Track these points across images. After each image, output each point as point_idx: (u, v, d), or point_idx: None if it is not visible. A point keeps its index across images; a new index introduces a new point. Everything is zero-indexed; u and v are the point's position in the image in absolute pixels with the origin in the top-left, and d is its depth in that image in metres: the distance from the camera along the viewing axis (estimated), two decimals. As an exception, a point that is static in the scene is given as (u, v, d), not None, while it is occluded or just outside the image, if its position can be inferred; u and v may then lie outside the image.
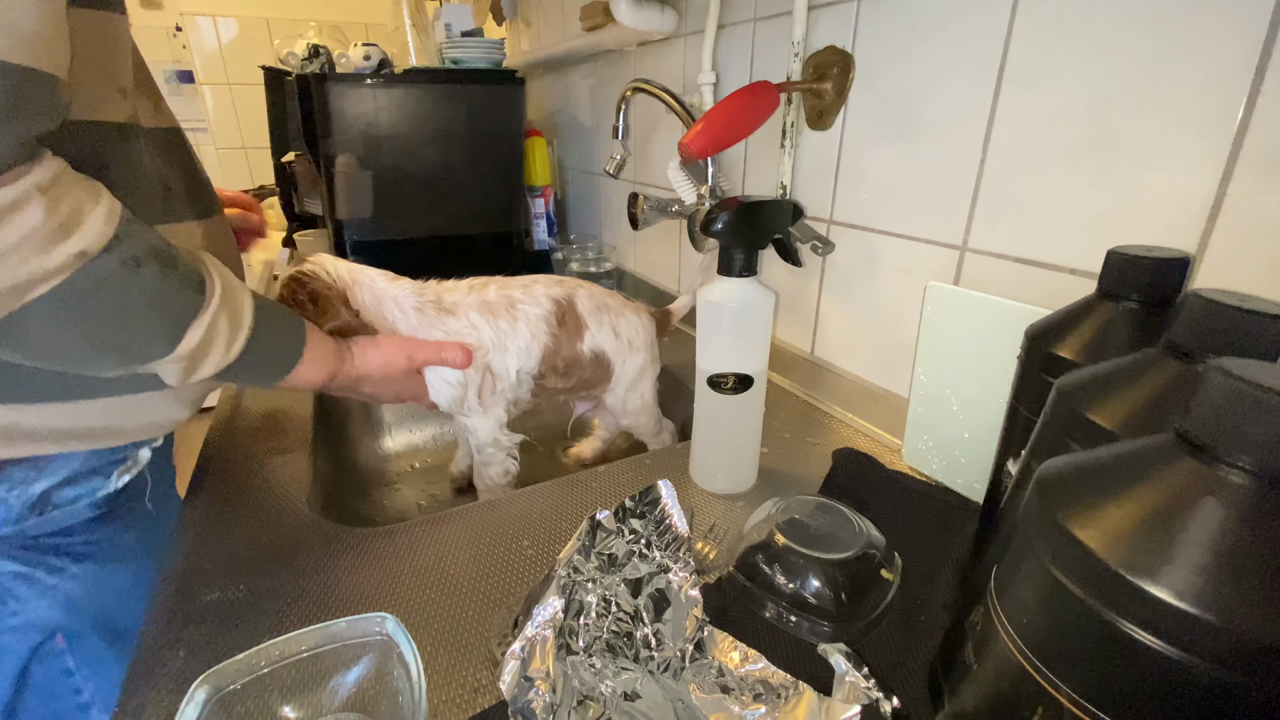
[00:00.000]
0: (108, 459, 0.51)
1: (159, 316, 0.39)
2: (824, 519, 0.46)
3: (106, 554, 0.53)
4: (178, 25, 2.39)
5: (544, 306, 0.69)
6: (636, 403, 0.76)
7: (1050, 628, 0.24)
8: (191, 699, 0.32)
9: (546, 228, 1.35)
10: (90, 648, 0.53)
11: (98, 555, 0.52)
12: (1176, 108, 0.41)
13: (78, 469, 0.49)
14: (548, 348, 0.69)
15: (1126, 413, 0.29)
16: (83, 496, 0.50)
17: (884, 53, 0.61)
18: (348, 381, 0.56)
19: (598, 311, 0.72)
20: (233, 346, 0.43)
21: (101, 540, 0.53)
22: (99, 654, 0.54)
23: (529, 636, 0.37)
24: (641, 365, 0.75)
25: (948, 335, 0.55)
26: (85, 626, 0.52)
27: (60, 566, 0.51)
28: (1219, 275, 0.41)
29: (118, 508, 0.53)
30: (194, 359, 0.42)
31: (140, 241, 0.38)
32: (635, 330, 0.74)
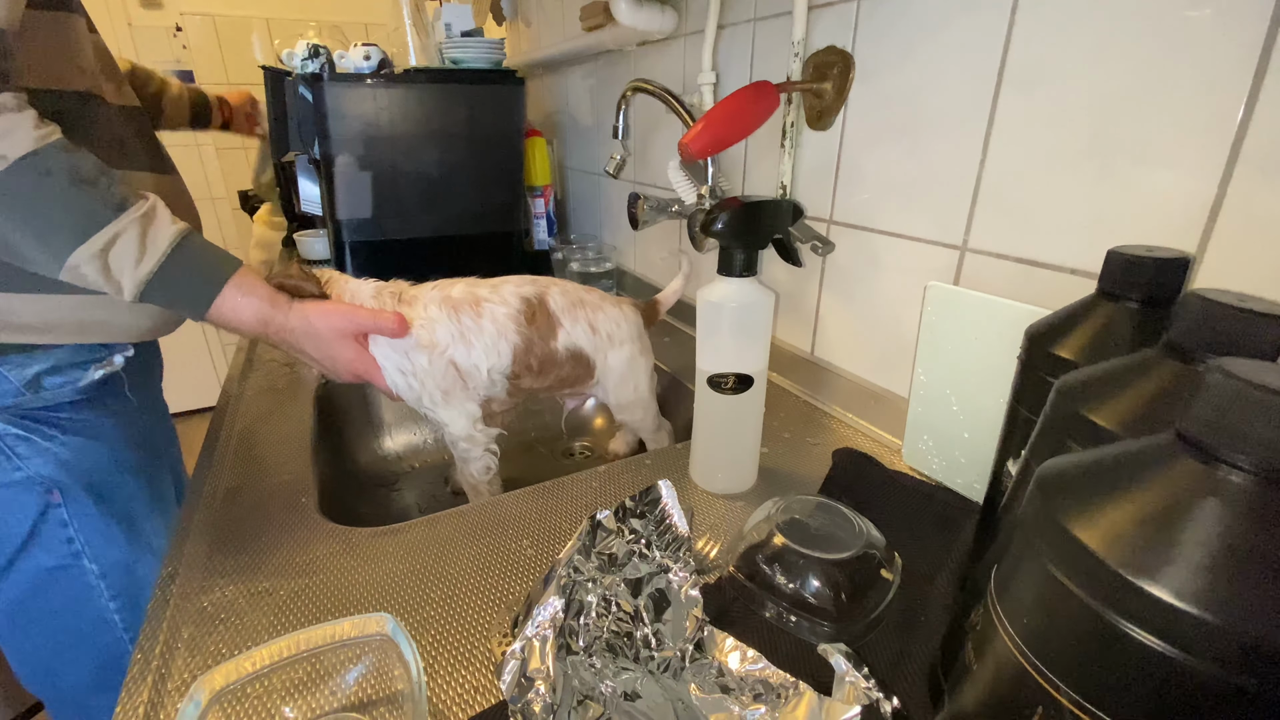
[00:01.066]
0: (87, 356, 0.63)
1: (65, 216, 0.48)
2: (824, 519, 0.46)
3: (87, 431, 0.66)
4: (178, 25, 2.39)
5: (512, 305, 0.68)
6: (629, 395, 0.75)
7: (1050, 628, 0.24)
8: (191, 699, 0.32)
9: (546, 228, 1.35)
10: (79, 504, 0.65)
11: (82, 430, 0.65)
12: (1176, 108, 0.41)
13: (62, 360, 0.62)
14: (518, 347, 0.68)
15: (1126, 413, 0.29)
16: (67, 383, 0.63)
17: (884, 53, 0.61)
18: (286, 335, 0.60)
19: (572, 308, 0.71)
20: (144, 262, 0.51)
21: (84, 419, 0.65)
22: (86, 510, 0.66)
23: (529, 636, 0.37)
24: (628, 358, 0.74)
25: (948, 335, 0.55)
26: (75, 485, 0.65)
27: (52, 435, 0.63)
28: (1219, 275, 0.41)
29: (97, 396, 0.66)
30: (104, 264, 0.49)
31: (58, 160, 0.48)
32: (615, 323, 0.72)
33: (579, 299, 0.72)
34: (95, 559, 0.67)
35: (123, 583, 0.70)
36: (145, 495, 0.71)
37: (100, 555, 0.67)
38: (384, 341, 0.64)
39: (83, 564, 0.67)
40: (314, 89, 1.02)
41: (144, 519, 0.71)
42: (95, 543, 0.67)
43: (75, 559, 0.66)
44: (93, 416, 0.66)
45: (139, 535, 0.70)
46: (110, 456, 0.67)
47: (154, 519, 0.72)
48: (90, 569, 0.67)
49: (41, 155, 0.47)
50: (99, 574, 0.68)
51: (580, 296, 0.72)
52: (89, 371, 0.63)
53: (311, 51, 1.03)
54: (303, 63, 1.03)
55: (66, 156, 0.48)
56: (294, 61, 1.04)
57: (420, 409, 0.68)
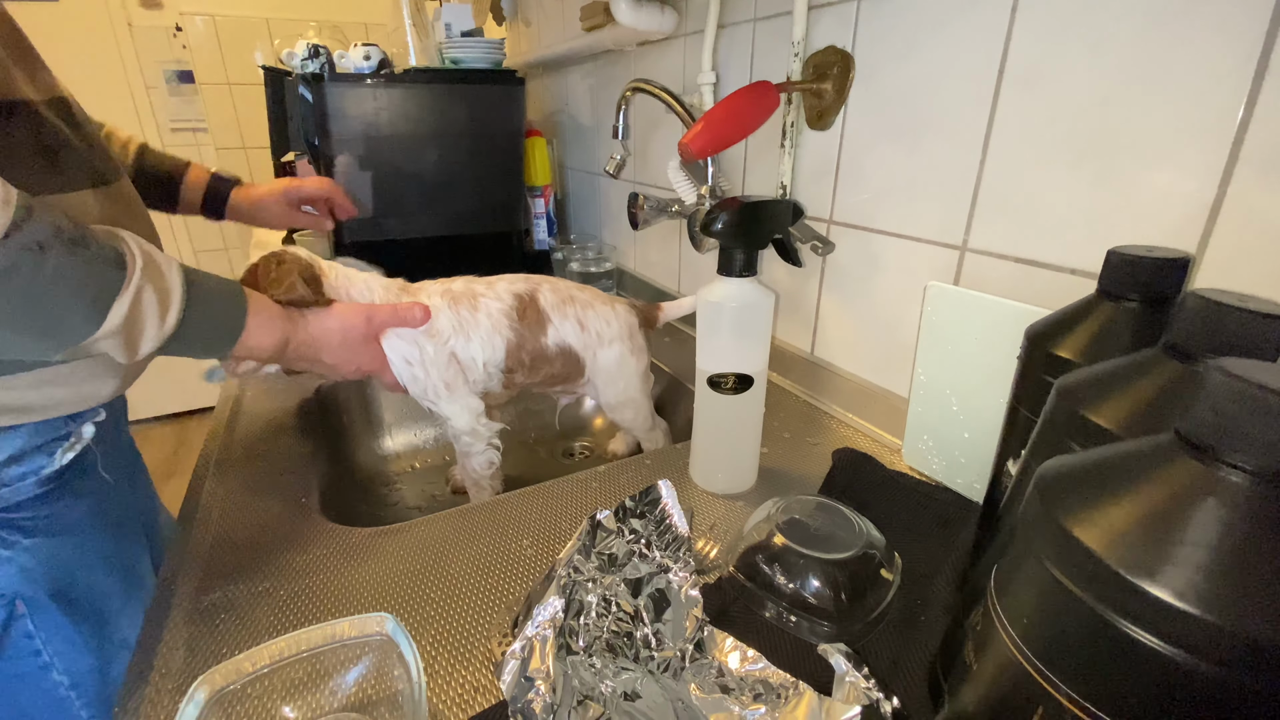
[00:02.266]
0: (51, 436, 0.53)
1: (75, 296, 0.40)
2: (824, 519, 0.46)
3: (54, 528, 0.55)
4: (178, 25, 2.39)
5: (505, 301, 0.69)
6: (619, 395, 0.75)
7: (1050, 628, 0.24)
8: (191, 699, 0.32)
9: (546, 228, 1.35)
10: (47, 615, 0.56)
11: (46, 529, 0.55)
12: (1176, 108, 0.41)
13: (22, 447, 0.51)
14: (510, 342, 0.69)
15: (1126, 413, 0.29)
16: (29, 474, 0.52)
17: (884, 53, 0.61)
18: (305, 349, 0.57)
19: (562, 305, 0.71)
20: (167, 318, 0.44)
21: (50, 515, 0.55)
22: (55, 620, 0.56)
23: (529, 636, 0.37)
24: (618, 357, 0.73)
25: (948, 335, 0.55)
26: (41, 595, 0.55)
27: (12, 540, 0.53)
28: (1219, 275, 0.41)
29: (65, 483, 0.56)
30: (128, 334, 0.43)
31: (42, 225, 0.38)
32: (605, 321, 0.72)
33: (569, 296, 0.72)
34: (65, 671, 0.59)
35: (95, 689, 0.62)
36: (119, 585, 0.62)
37: (70, 667, 0.59)
38: (393, 331, 0.64)
39: (52, 676, 0.59)
40: (314, 89, 1.02)
41: (118, 614, 0.62)
42: (65, 653, 0.58)
43: (44, 672, 0.58)
44: (60, 508, 0.56)
45: (111, 635, 0.62)
46: (78, 553, 0.58)
47: (130, 608, 0.63)
48: (60, 681, 0.59)
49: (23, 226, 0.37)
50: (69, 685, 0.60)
51: (571, 294, 0.72)
52: (55, 456, 0.54)
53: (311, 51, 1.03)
54: (303, 63, 1.03)
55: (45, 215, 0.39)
56: (294, 61, 1.04)
57: (424, 402, 0.68)
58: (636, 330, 0.75)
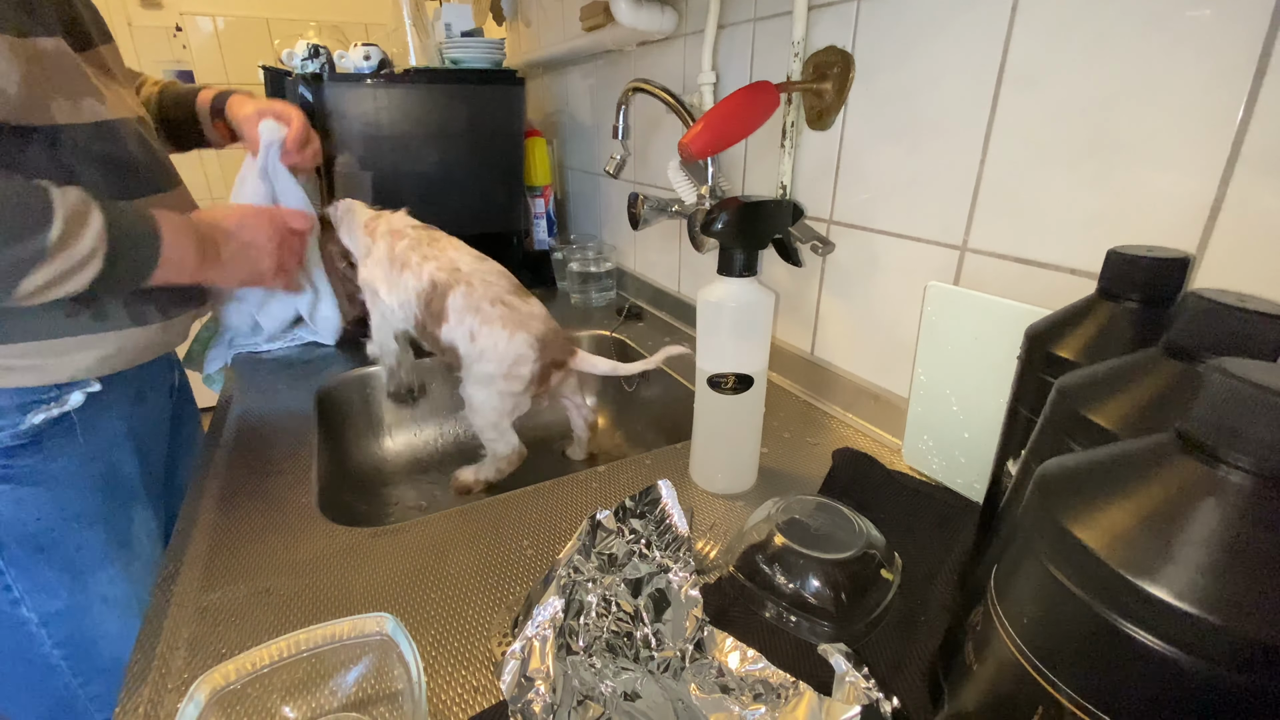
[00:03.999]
0: (27, 399, 0.59)
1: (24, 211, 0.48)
2: (824, 519, 0.46)
3: (27, 478, 0.61)
4: (178, 25, 2.39)
5: (421, 283, 0.74)
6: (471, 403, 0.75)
7: (1050, 628, 0.24)
8: (191, 699, 0.32)
9: (546, 228, 1.35)
10: (14, 555, 0.62)
11: (18, 478, 0.61)
12: (1176, 108, 0.41)
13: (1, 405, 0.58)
14: (417, 318, 0.76)
15: (1126, 413, 0.29)
16: (4, 428, 0.59)
17: (884, 53, 0.61)
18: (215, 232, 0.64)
19: (465, 310, 0.72)
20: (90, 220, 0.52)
21: (24, 466, 0.61)
22: (23, 560, 0.62)
23: (529, 636, 0.37)
24: (488, 377, 0.72)
25: (948, 335, 0.55)
26: (9, 536, 0.61)
27: None
28: (1219, 275, 0.41)
29: (42, 440, 0.61)
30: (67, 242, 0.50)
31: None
32: (493, 344, 0.71)
33: (478, 305, 0.71)
34: (34, 609, 0.64)
35: (67, 631, 0.66)
36: (99, 543, 0.66)
37: (39, 605, 0.64)
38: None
39: (21, 612, 0.64)
40: (314, 89, 1.02)
41: (95, 568, 0.66)
42: (33, 592, 0.64)
43: (13, 606, 0.63)
44: (36, 461, 0.61)
45: (85, 586, 0.66)
46: (55, 505, 0.63)
47: (110, 567, 0.67)
48: (29, 617, 0.64)
49: None
50: (39, 623, 0.65)
51: (482, 304, 0.71)
52: (28, 415, 0.59)
53: (311, 51, 1.03)
54: (303, 63, 1.03)
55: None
56: (294, 61, 1.04)
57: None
58: (525, 364, 0.72)
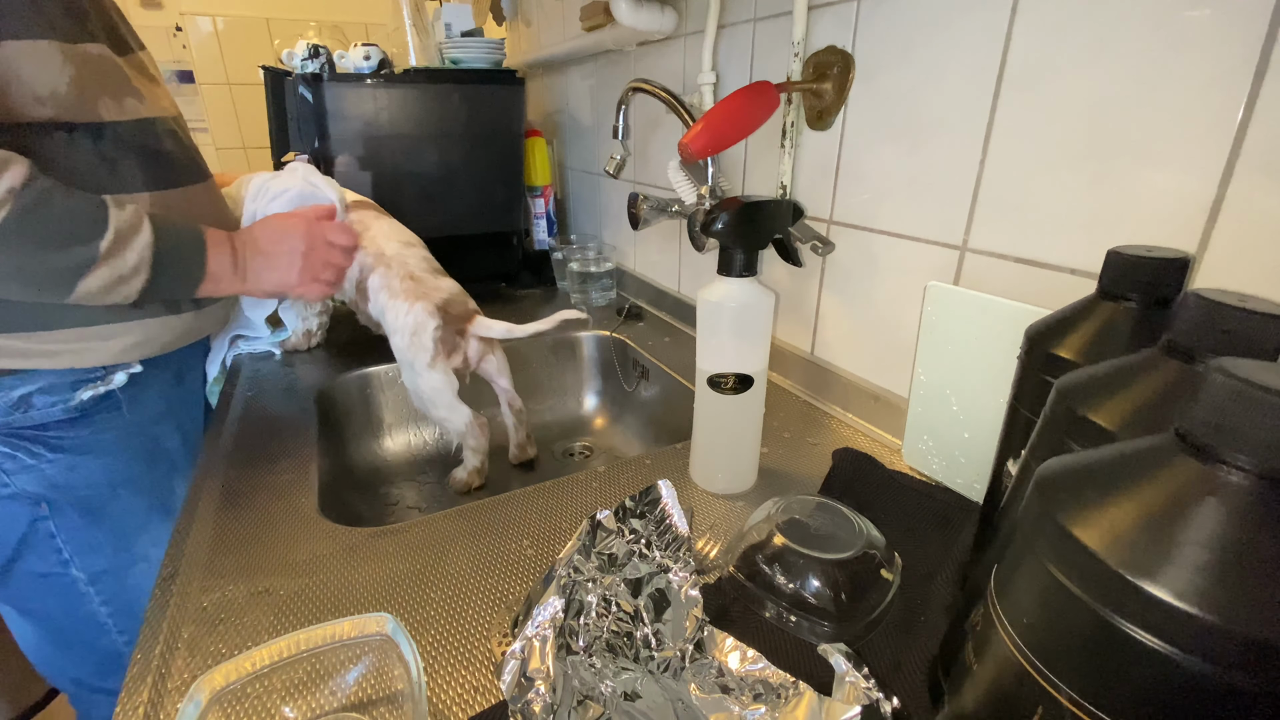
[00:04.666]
0: (79, 377, 0.64)
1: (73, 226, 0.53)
2: (824, 519, 0.46)
3: (79, 448, 0.67)
4: (178, 25, 2.39)
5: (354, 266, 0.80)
6: (406, 380, 0.78)
7: (1050, 628, 0.24)
8: (191, 699, 0.32)
9: (546, 228, 1.35)
10: (67, 518, 0.68)
11: (72, 448, 0.66)
12: (1176, 108, 0.41)
13: (52, 382, 0.63)
14: (353, 299, 0.84)
15: (1126, 413, 0.29)
16: (57, 403, 0.64)
17: (884, 53, 0.61)
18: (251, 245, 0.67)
19: (379, 290, 0.78)
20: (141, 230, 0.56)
21: (76, 437, 0.66)
22: (74, 523, 0.68)
23: (529, 636, 0.37)
24: (398, 348, 0.76)
25: (948, 335, 0.55)
26: (62, 501, 0.67)
27: (38, 453, 0.65)
28: (1219, 275, 0.41)
29: (91, 415, 0.66)
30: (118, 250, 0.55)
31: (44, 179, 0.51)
32: (395, 315, 0.75)
33: (388, 283, 0.77)
34: (83, 568, 0.70)
35: (113, 589, 0.72)
36: (142, 508, 0.72)
37: (87, 565, 0.70)
38: None
39: (71, 572, 0.69)
40: (314, 89, 1.02)
41: (138, 531, 0.72)
42: (83, 553, 0.69)
43: (64, 567, 0.69)
44: (86, 434, 0.66)
45: (129, 547, 0.72)
46: (103, 472, 0.68)
47: (153, 529, 0.73)
48: (79, 577, 0.70)
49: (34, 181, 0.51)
50: (87, 581, 0.70)
51: (390, 281, 0.77)
52: (78, 392, 0.64)
53: (311, 51, 1.03)
54: (303, 63, 1.03)
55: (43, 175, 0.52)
56: (294, 61, 1.04)
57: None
58: (425, 331, 0.74)
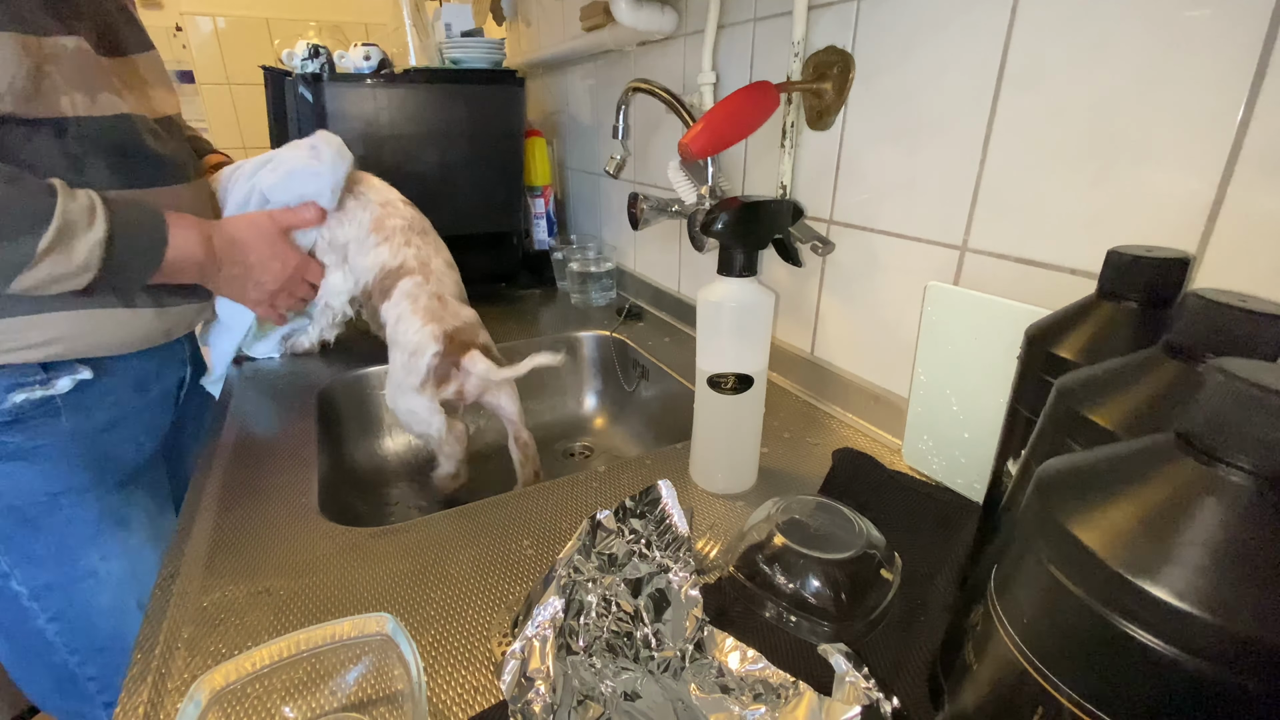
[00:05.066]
0: (11, 380, 0.60)
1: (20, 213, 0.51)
2: (824, 519, 0.46)
3: (12, 454, 0.62)
4: (178, 25, 2.39)
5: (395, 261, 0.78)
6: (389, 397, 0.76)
7: (1050, 628, 0.24)
8: (191, 699, 0.32)
9: (546, 228, 1.35)
10: (2, 528, 0.63)
11: (8, 454, 0.62)
12: (1176, 108, 0.41)
13: None
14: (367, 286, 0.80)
15: (1126, 413, 0.29)
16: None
17: (884, 53, 0.61)
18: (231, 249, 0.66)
19: (405, 296, 0.76)
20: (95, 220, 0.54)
21: (8, 443, 0.61)
22: (10, 532, 0.63)
23: (529, 636, 0.37)
24: (395, 363, 0.74)
25: (948, 335, 0.55)
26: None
27: None
28: (1219, 275, 0.41)
29: (25, 420, 0.62)
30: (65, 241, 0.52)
31: None
32: (403, 331, 0.74)
33: (417, 295, 0.75)
34: (23, 582, 0.65)
35: (59, 605, 0.67)
36: (90, 519, 0.67)
37: (28, 578, 0.65)
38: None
39: (11, 585, 0.65)
40: (314, 89, 1.02)
41: (85, 544, 0.67)
42: (22, 565, 0.65)
43: (4, 579, 0.64)
44: (20, 439, 0.61)
45: (74, 560, 0.67)
46: (40, 480, 0.63)
47: (104, 542, 0.68)
48: (20, 590, 0.65)
49: None
50: (29, 596, 0.66)
51: (419, 294, 0.75)
52: (11, 395, 0.60)
53: (311, 51, 1.03)
54: (303, 63, 1.03)
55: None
56: (294, 61, 1.04)
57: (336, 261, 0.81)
58: (423, 355, 0.72)
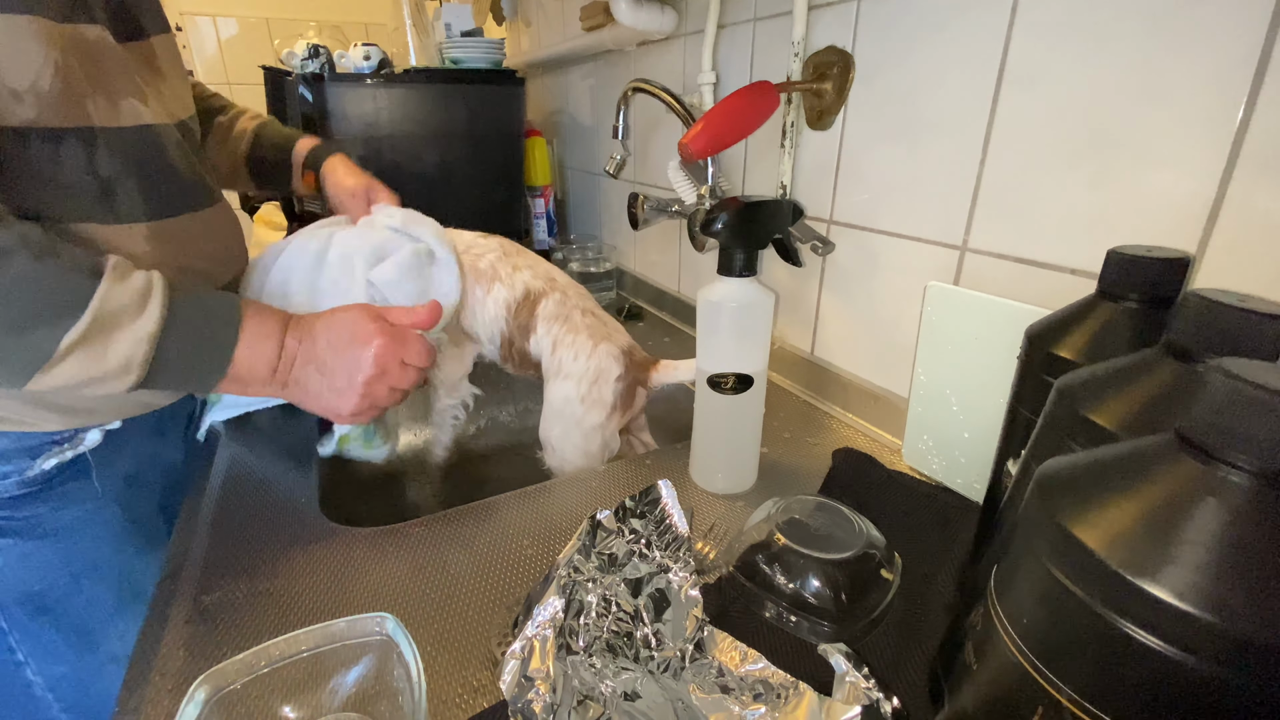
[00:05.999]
0: (39, 440, 0.52)
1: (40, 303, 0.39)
2: (824, 519, 0.46)
3: (33, 531, 0.54)
4: (178, 25, 2.39)
5: (515, 293, 0.69)
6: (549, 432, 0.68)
7: (1050, 628, 0.24)
8: (191, 699, 0.32)
9: (546, 228, 1.35)
10: (17, 617, 0.55)
11: (23, 531, 0.53)
12: (1176, 107, 0.41)
13: (6, 447, 0.50)
14: (504, 334, 0.70)
15: (1126, 413, 0.29)
16: (10, 474, 0.51)
17: (884, 53, 0.61)
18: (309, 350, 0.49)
19: (553, 319, 0.68)
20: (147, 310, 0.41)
21: (31, 517, 0.53)
22: (25, 623, 0.55)
23: (529, 636, 0.37)
24: (564, 396, 0.66)
25: (948, 335, 0.55)
26: (9, 598, 0.54)
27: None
28: (1219, 275, 0.41)
29: (54, 487, 0.54)
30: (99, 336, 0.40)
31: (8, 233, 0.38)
32: (574, 356, 0.66)
33: (567, 314, 0.68)
34: (39, 672, 0.58)
35: (74, 695, 0.60)
36: (111, 596, 0.59)
37: (45, 670, 0.58)
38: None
39: (26, 675, 0.57)
40: (314, 89, 1.02)
41: (105, 625, 0.60)
42: (39, 656, 0.57)
43: (18, 669, 0.57)
44: (44, 511, 0.54)
45: (94, 647, 0.59)
46: (61, 559, 0.56)
47: (122, 621, 0.61)
48: (35, 681, 0.58)
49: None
50: (45, 687, 0.59)
51: (571, 313, 0.68)
52: (39, 460, 0.52)
53: (311, 51, 1.03)
54: (303, 63, 1.03)
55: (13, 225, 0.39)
56: (294, 61, 1.04)
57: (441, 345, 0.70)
58: (608, 380, 0.67)
